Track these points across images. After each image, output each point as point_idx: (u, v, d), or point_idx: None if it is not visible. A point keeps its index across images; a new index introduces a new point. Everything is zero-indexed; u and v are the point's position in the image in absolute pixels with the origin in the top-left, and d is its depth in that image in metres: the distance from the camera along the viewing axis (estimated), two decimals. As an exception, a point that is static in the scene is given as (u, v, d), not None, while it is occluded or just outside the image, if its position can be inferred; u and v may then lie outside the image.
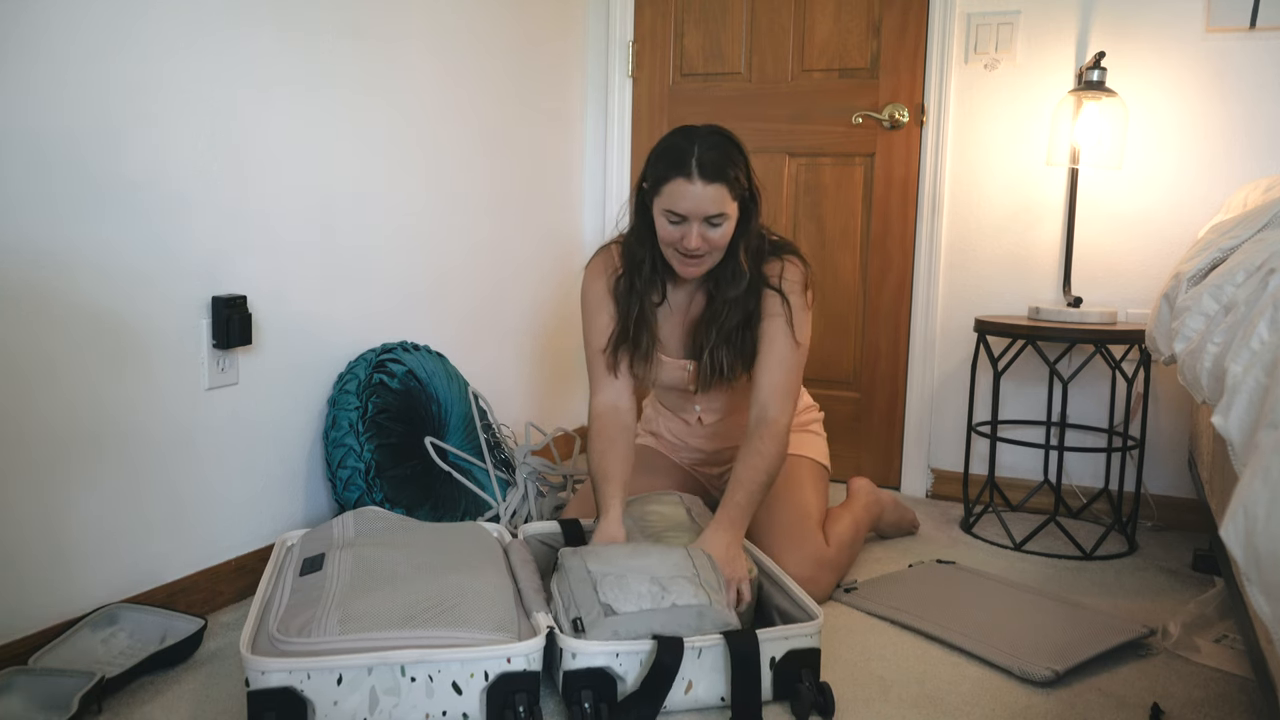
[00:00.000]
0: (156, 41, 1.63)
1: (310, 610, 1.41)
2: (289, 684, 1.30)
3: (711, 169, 1.68)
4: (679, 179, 1.69)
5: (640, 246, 1.85)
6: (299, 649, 1.34)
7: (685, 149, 1.69)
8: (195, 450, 1.76)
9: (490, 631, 1.39)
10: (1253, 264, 1.34)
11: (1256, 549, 0.81)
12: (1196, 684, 1.59)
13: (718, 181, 1.69)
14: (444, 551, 1.62)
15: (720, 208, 1.71)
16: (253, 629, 1.41)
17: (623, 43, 3.00)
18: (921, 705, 1.50)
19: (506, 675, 1.36)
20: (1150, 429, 2.52)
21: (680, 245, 1.75)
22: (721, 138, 1.73)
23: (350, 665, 1.32)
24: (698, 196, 1.69)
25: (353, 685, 1.32)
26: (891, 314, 2.80)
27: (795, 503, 1.94)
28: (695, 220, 1.72)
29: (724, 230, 1.74)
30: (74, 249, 1.52)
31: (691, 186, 1.68)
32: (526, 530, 1.87)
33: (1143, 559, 2.25)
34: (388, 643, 1.35)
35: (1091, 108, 2.41)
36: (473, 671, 1.36)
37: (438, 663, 1.34)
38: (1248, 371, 1.04)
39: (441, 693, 1.35)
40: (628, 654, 1.40)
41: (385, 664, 1.33)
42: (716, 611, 1.46)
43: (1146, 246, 2.51)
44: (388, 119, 2.19)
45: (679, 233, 1.74)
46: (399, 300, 2.27)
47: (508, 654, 1.36)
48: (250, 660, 1.30)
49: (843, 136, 2.79)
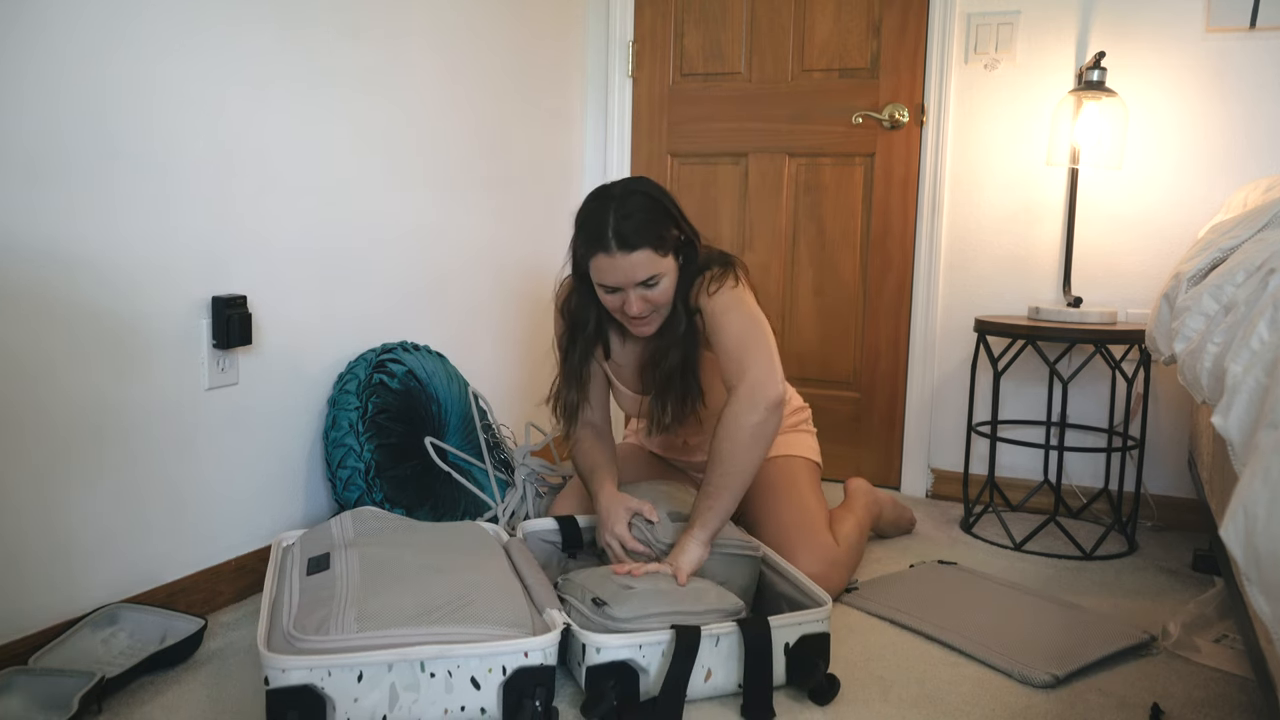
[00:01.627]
0: (154, 41, 1.63)
1: (325, 609, 1.41)
2: (309, 681, 1.30)
3: (632, 237, 1.63)
4: (600, 254, 1.66)
5: (583, 307, 1.83)
6: (318, 646, 1.34)
7: (602, 220, 1.65)
8: (195, 450, 1.76)
9: (506, 627, 1.40)
10: (1253, 264, 1.34)
11: (1256, 549, 0.81)
12: (1196, 684, 1.59)
13: (640, 248, 1.64)
14: (447, 551, 1.64)
15: (650, 270, 1.66)
16: (266, 628, 1.42)
17: (623, 42, 3.00)
18: (921, 705, 1.50)
19: (523, 669, 1.38)
20: (1150, 429, 2.52)
21: (624, 310, 1.72)
22: (640, 198, 1.68)
23: (371, 662, 1.33)
24: (623, 268, 1.65)
25: (373, 682, 1.33)
26: (891, 314, 2.80)
27: (800, 503, 1.95)
28: (629, 288, 1.68)
29: (663, 287, 1.70)
30: (74, 249, 1.52)
31: (614, 260, 1.64)
32: (526, 527, 1.88)
33: (1143, 559, 2.25)
34: (407, 639, 1.36)
35: (1091, 108, 2.41)
36: (491, 666, 1.37)
37: (457, 658, 1.36)
38: (1248, 371, 1.03)
39: (460, 688, 1.37)
40: (650, 645, 1.43)
41: (405, 660, 1.34)
42: (730, 597, 1.53)
43: (1146, 246, 2.51)
44: (388, 118, 2.19)
45: (618, 300, 1.71)
46: (399, 300, 2.27)
47: (525, 648, 1.38)
48: (270, 658, 1.30)
49: (843, 136, 2.79)
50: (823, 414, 2.79)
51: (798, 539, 1.87)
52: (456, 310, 2.49)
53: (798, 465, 2.04)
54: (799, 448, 2.09)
